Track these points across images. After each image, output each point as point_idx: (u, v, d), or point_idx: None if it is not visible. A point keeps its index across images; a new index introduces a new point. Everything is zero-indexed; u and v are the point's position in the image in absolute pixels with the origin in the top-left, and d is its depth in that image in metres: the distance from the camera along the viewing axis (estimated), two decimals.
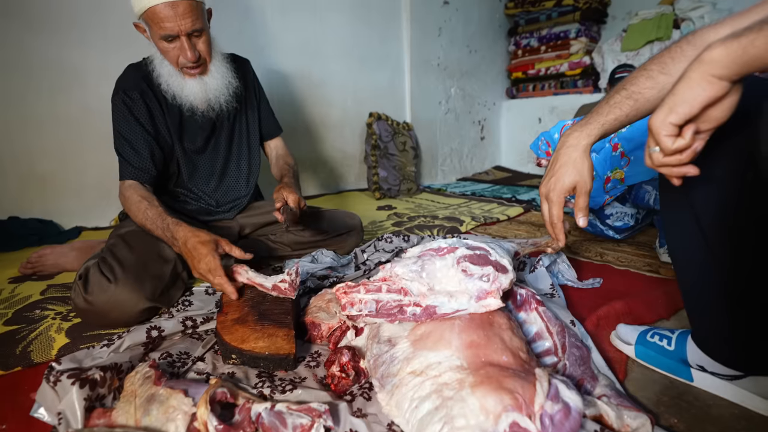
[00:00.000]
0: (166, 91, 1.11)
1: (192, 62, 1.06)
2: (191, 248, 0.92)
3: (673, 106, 0.48)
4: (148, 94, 1.10)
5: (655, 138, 0.51)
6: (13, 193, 1.62)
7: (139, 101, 1.09)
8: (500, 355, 0.64)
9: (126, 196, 1.06)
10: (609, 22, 3.41)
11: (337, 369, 0.72)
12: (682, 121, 0.48)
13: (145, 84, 1.10)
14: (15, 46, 1.57)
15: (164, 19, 0.99)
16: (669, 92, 0.49)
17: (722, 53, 0.44)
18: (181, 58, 1.06)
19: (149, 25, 1.03)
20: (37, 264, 1.25)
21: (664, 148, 0.50)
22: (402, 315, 0.73)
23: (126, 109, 1.08)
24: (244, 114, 1.29)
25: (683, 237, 0.66)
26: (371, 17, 2.66)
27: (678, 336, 0.74)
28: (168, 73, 1.09)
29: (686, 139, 0.49)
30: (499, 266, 0.77)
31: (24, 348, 0.84)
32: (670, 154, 0.51)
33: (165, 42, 1.03)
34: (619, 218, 1.45)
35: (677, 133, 0.49)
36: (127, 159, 1.08)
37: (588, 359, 0.74)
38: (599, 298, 1.05)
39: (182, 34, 1.02)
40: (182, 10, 0.99)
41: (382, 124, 2.68)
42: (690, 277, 0.68)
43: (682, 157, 0.50)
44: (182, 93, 1.10)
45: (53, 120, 1.67)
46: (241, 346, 0.75)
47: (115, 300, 0.90)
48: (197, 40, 1.06)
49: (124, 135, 1.08)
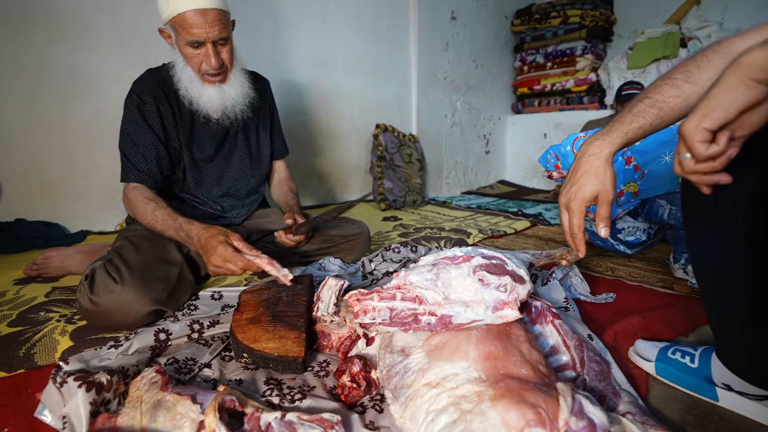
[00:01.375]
0: (184, 97, 1.11)
1: (215, 69, 1.07)
2: (204, 243, 0.92)
3: (708, 111, 0.46)
4: (162, 99, 1.11)
5: (688, 144, 0.49)
6: (21, 196, 1.62)
7: (152, 105, 1.09)
8: (519, 367, 0.62)
9: (131, 198, 1.05)
10: (615, 40, 3.45)
11: (347, 379, 0.70)
12: (717, 127, 0.47)
13: (161, 89, 1.11)
14: (35, 53, 1.59)
15: (193, 26, 1.01)
16: (703, 97, 0.48)
17: (763, 56, 0.43)
18: (204, 64, 1.07)
19: (176, 30, 1.04)
20: (42, 266, 1.24)
21: (697, 154, 0.48)
22: (417, 324, 0.71)
23: (138, 113, 1.08)
24: (256, 127, 1.30)
25: (708, 250, 0.64)
26: (380, 31, 2.70)
27: (701, 353, 0.72)
28: (188, 79, 1.10)
29: (721, 146, 0.47)
30: (517, 276, 0.75)
31: (27, 350, 0.82)
32: (703, 161, 0.49)
33: (191, 48, 1.05)
34: (631, 233, 1.43)
35: (711, 139, 0.48)
36: (132, 161, 1.08)
37: (608, 374, 0.71)
38: (614, 313, 1.03)
39: (209, 41, 1.04)
40: (211, 18, 1.01)
41: (389, 136, 2.69)
42: (715, 292, 0.66)
43: (716, 164, 0.48)
44: (200, 99, 1.11)
45: (65, 125, 1.68)
46: (252, 345, 0.76)
47: (121, 301, 0.88)
48: (222, 48, 1.08)
49: (132, 137, 1.08)
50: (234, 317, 0.85)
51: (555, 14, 3.33)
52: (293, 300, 0.91)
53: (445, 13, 3.00)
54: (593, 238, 1.58)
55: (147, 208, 1.02)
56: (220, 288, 1.13)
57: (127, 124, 1.09)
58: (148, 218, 1.01)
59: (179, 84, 1.10)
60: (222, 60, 1.08)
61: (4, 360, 0.79)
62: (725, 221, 0.59)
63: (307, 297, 0.93)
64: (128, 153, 1.08)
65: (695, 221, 0.66)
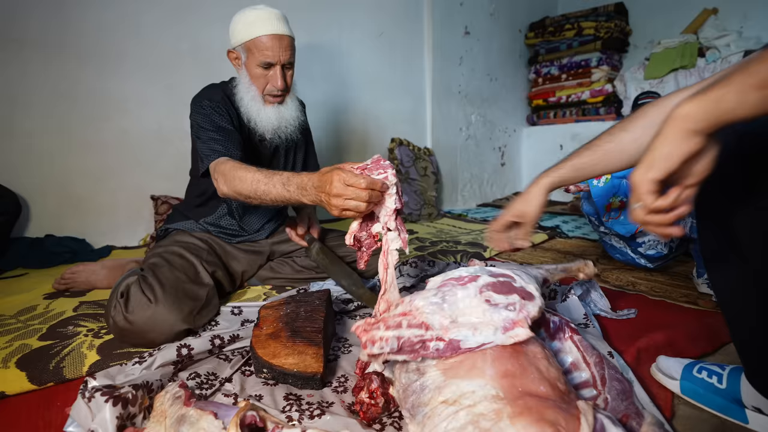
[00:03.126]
0: (244, 114, 1.18)
1: (279, 90, 1.15)
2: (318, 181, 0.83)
3: (652, 162, 0.48)
4: (231, 110, 1.17)
5: (637, 194, 0.51)
6: (51, 212, 1.70)
7: (224, 111, 1.14)
8: (537, 385, 0.61)
9: (224, 169, 1.00)
10: (631, 51, 3.42)
11: (366, 395, 0.70)
12: (663, 176, 0.49)
13: (229, 101, 1.17)
14: (66, 79, 1.69)
15: (269, 48, 1.10)
16: (647, 149, 0.50)
17: (694, 108, 0.45)
18: (270, 85, 1.15)
19: (249, 52, 1.12)
20: (69, 281, 1.29)
21: (645, 205, 0.51)
22: (425, 351, 0.70)
23: (213, 111, 1.12)
24: (293, 149, 1.36)
25: (729, 275, 0.63)
26: (395, 47, 2.75)
27: (730, 373, 0.69)
28: (251, 98, 1.16)
29: (669, 200, 0.49)
30: (525, 293, 0.73)
31: (57, 364, 0.85)
32: (653, 212, 0.51)
33: (261, 68, 1.12)
34: (652, 246, 1.40)
35: (658, 189, 0.50)
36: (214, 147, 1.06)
37: (630, 393, 0.70)
38: (636, 329, 1.00)
39: (279, 64, 1.12)
40: (285, 43, 1.12)
41: (404, 150, 2.71)
42: (739, 318, 0.64)
43: (666, 218, 0.51)
44: (258, 117, 1.17)
45: (92, 145, 1.76)
46: (272, 361, 0.77)
47: (155, 320, 0.91)
48: (288, 71, 1.16)
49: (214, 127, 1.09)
50: (254, 332, 0.86)
51: (569, 27, 3.33)
52: (312, 315, 0.92)
53: (459, 28, 3.04)
54: (612, 252, 1.56)
55: (245, 171, 0.96)
56: (240, 303, 1.16)
57: (202, 118, 1.10)
58: (248, 182, 0.94)
59: (241, 102, 1.17)
60: (286, 82, 1.15)
61: (36, 374, 0.81)
62: (742, 240, 0.58)
63: (325, 312, 0.94)
64: (211, 138, 1.08)
65: (711, 239, 0.65)
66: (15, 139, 1.61)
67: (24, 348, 0.91)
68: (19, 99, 1.60)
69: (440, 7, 2.87)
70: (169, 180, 1.92)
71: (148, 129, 1.87)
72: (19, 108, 1.61)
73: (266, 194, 0.93)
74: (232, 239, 1.27)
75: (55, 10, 1.63)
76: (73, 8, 1.66)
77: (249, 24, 1.10)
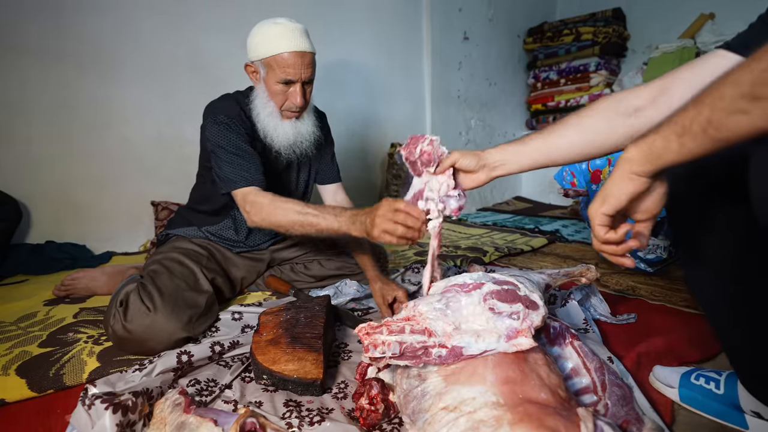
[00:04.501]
0: (260, 129, 1.14)
1: (298, 107, 1.11)
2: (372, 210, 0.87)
3: (604, 198, 0.54)
4: (247, 124, 1.14)
5: (591, 225, 0.56)
6: (51, 219, 1.70)
7: (241, 130, 1.11)
8: (538, 392, 0.61)
9: (258, 201, 1.02)
10: (629, 56, 3.44)
11: (366, 402, 0.70)
12: (613, 212, 0.53)
13: (245, 116, 1.14)
14: (66, 86, 1.69)
15: (291, 65, 1.05)
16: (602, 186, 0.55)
17: (635, 153, 0.50)
18: (289, 101, 1.11)
19: (269, 68, 1.07)
20: (69, 287, 1.29)
21: (596, 235, 0.56)
22: (427, 357, 0.70)
23: (230, 130, 1.10)
24: (308, 163, 1.31)
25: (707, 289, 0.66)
26: (394, 52, 2.76)
27: (727, 378, 0.70)
28: (268, 113, 1.13)
29: (617, 235, 0.54)
30: (529, 302, 0.74)
31: (57, 371, 0.85)
32: (604, 243, 0.56)
33: (281, 85, 1.08)
34: (652, 251, 1.40)
35: (610, 223, 0.54)
36: (239, 173, 1.06)
37: (631, 399, 0.70)
38: (636, 334, 1.00)
39: (300, 81, 1.08)
40: (307, 61, 1.08)
41: None
42: (722, 327, 0.66)
43: (618, 249, 0.56)
44: (275, 133, 1.14)
45: (93, 152, 1.76)
46: (272, 367, 0.77)
47: (154, 328, 0.90)
48: (307, 88, 1.13)
49: (235, 147, 1.08)
50: (254, 338, 0.86)
51: (567, 32, 3.35)
52: (312, 321, 0.92)
53: (458, 33, 3.06)
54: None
55: (289, 205, 0.99)
56: (241, 308, 1.16)
57: (221, 136, 1.09)
58: (293, 214, 0.97)
59: (258, 118, 1.13)
60: (305, 99, 1.13)
61: (36, 381, 0.81)
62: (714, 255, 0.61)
63: (325, 318, 0.94)
64: (233, 160, 1.07)
65: (690, 260, 0.67)
66: (15, 146, 1.61)
67: (24, 355, 0.91)
68: (18, 107, 1.61)
69: (439, 13, 2.89)
70: (170, 186, 1.92)
71: (148, 136, 1.87)
72: (18, 115, 1.61)
73: (313, 225, 0.96)
74: (233, 248, 1.26)
75: (52, 18, 1.63)
76: (71, 16, 1.66)
77: (270, 39, 1.05)
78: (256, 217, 1.02)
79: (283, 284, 1.27)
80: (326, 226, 0.95)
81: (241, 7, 2.05)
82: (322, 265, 1.34)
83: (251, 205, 1.03)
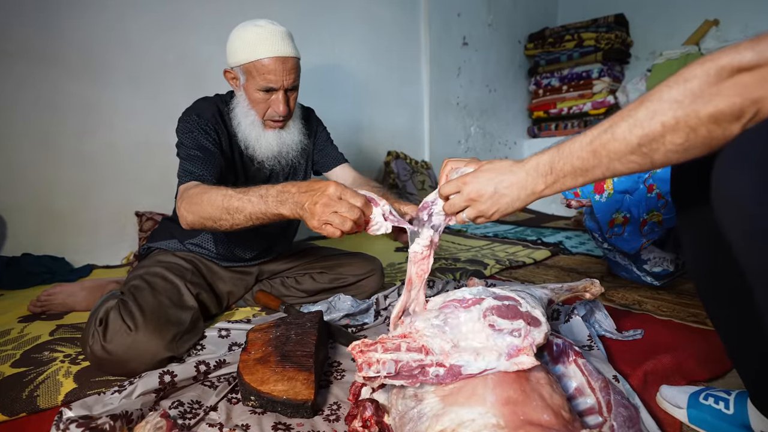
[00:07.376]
0: (241, 140, 1.08)
1: (281, 116, 1.05)
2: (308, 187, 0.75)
3: None
4: (221, 127, 1.07)
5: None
6: (29, 230, 1.61)
7: (211, 129, 1.04)
8: (540, 413, 0.57)
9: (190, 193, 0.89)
10: (632, 62, 3.41)
11: (359, 424, 0.66)
12: None
13: (220, 120, 1.07)
14: (50, 89, 1.62)
15: (271, 72, 0.99)
16: None
17: None
18: (271, 110, 1.05)
19: (249, 74, 1.01)
20: (46, 302, 1.23)
21: None
22: (424, 377, 0.67)
23: (198, 128, 1.02)
24: (292, 174, 1.24)
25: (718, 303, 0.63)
26: (391, 58, 2.73)
27: (736, 398, 0.67)
28: (249, 123, 1.06)
29: None
30: (531, 318, 0.70)
31: (30, 392, 0.80)
32: None
33: (262, 93, 1.02)
34: (658, 264, 1.35)
35: None
36: (189, 168, 0.98)
37: (637, 420, 0.65)
38: (642, 351, 0.95)
39: (282, 89, 1.02)
40: (290, 66, 1.01)
41: (401, 163, 2.68)
42: (730, 339, 0.63)
43: None
44: (257, 144, 1.08)
45: (76, 158, 1.69)
46: (260, 387, 0.73)
47: (136, 349, 0.85)
48: (291, 95, 1.06)
49: (195, 145, 1.00)
50: (241, 357, 0.82)
51: (569, 38, 3.33)
52: (303, 339, 0.88)
53: (457, 39, 3.04)
54: (617, 269, 1.51)
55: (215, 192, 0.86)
56: (228, 324, 1.11)
57: (185, 133, 1.02)
58: (219, 200, 0.84)
59: (238, 127, 1.07)
60: (289, 107, 1.06)
61: (7, 403, 0.76)
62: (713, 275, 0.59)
63: (317, 335, 0.90)
64: (189, 155, 0.99)
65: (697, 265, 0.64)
66: None
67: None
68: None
69: (437, 18, 2.86)
70: (155, 195, 1.85)
71: (133, 141, 1.81)
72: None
73: (239, 211, 0.81)
74: (217, 261, 1.20)
75: (36, 18, 1.58)
76: (55, 17, 1.61)
77: (249, 44, 0.98)
78: (189, 215, 0.87)
79: (272, 299, 1.23)
80: (252, 209, 0.80)
81: (232, 12, 2.02)
82: (314, 279, 1.29)
83: (183, 200, 0.89)
